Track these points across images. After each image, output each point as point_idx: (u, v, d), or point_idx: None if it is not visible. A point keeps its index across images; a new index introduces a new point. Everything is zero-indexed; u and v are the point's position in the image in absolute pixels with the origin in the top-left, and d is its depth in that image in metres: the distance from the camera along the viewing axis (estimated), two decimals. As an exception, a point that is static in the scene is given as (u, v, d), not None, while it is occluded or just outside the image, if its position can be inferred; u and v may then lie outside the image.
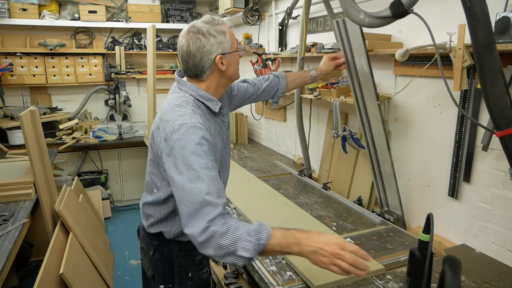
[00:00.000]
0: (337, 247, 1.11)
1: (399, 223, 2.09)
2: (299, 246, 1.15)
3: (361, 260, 1.12)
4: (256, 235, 1.11)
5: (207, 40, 1.27)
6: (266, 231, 1.13)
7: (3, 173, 2.69)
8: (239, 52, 1.39)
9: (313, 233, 1.19)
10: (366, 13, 1.41)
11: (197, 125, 1.22)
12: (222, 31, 1.30)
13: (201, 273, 1.50)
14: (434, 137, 1.99)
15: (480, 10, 1.05)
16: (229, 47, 1.32)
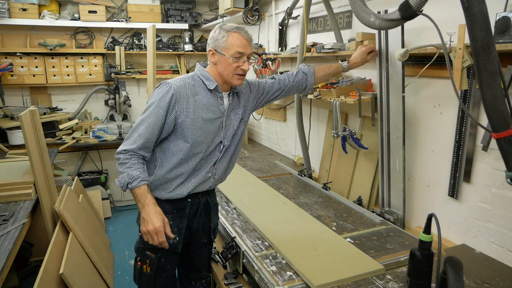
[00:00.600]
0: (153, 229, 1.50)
1: (399, 223, 2.09)
2: (142, 208, 1.52)
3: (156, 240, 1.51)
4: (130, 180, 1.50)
5: (212, 35, 1.61)
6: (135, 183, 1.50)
7: (3, 173, 2.69)
8: (233, 60, 1.57)
9: (153, 210, 1.51)
10: (376, 16, 1.41)
11: (172, 84, 1.57)
12: (224, 34, 1.56)
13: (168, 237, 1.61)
14: (434, 137, 1.99)
15: (479, 10, 1.04)
16: (222, 47, 1.57)
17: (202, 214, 1.80)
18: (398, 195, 2.10)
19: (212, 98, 1.65)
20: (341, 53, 2.37)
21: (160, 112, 1.55)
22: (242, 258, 1.74)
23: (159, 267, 1.73)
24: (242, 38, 1.57)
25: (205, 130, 1.63)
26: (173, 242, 1.68)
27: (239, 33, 1.57)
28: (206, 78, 1.64)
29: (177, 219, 1.70)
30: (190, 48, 5.06)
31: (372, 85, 2.33)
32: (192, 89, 1.61)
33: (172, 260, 1.77)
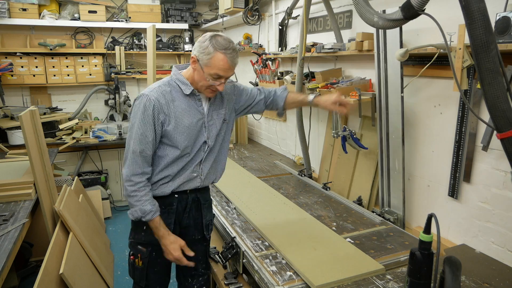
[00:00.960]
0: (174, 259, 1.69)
1: (399, 223, 2.09)
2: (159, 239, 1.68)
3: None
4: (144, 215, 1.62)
5: (201, 44, 1.58)
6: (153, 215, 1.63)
7: (3, 173, 2.69)
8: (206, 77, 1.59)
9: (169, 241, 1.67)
10: (379, 15, 1.41)
11: (151, 97, 1.59)
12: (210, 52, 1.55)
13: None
14: (434, 137, 1.99)
15: (477, 8, 1.04)
16: (204, 63, 1.57)
17: (192, 210, 1.82)
18: (398, 195, 2.10)
19: (190, 102, 1.68)
20: (341, 53, 2.37)
21: (147, 127, 1.60)
22: (242, 258, 1.74)
23: (150, 260, 1.79)
24: (226, 62, 1.56)
25: (188, 134, 1.67)
26: None
27: (225, 55, 1.55)
28: (182, 82, 1.66)
29: (164, 214, 1.74)
30: (190, 48, 5.06)
31: (372, 85, 2.33)
32: (169, 96, 1.63)
33: (163, 254, 1.78)
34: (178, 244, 1.67)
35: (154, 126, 1.61)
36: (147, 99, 1.59)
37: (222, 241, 2.10)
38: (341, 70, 2.62)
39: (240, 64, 4.64)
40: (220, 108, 1.78)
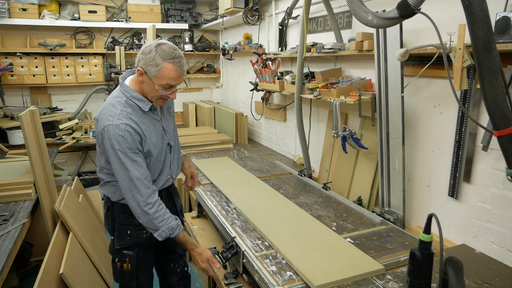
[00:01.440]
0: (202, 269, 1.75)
1: (399, 223, 2.09)
2: (189, 251, 1.76)
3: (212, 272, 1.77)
4: (172, 232, 1.68)
5: (145, 55, 1.56)
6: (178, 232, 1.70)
7: (3, 173, 2.69)
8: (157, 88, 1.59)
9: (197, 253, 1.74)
10: (374, 14, 1.41)
11: (120, 125, 1.56)
12: (158, 63, 1.54)
13: (140, 233, 1.82)
14: (434, 137, 1.99)
15: (479, 9, 1.04)
16: (153, 75, 1.56)
17: (166, 202, 1.89)
18: (398, 195, 2.10)
19: (150, 115, 1.71)
20: (341, 53, 2.37)
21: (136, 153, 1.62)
22: (242, 258, 1.74)
23: (138, 261, 1.85)
24: (175, 71, 1.56)
25: (156, 144, 1.73)
26: (146, 235, 1.81)
27: (173, 64, 1.55)
28: (139, 99, 1.65)
29: None
30: (190, 48, 5.06)
31: (372, 85, 2.33)
32: (134, 117, 1.63)
33: (149, 250, 1.90)
34: (205, 256, 1.73)
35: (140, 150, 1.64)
36: (117, 128, 1.56)
37: (222, 241, 2.10)
38: (341, 70, 2.62)
39: (240, 64, 4.68)
40: (168, 113, 1.86)
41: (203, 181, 2.75)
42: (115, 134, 1.56)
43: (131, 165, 1.60)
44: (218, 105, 4.89)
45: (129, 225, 1.81)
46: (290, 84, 2.93)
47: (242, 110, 4.49)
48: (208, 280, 2.60)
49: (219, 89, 5.51)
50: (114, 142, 1.57)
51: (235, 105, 4.91)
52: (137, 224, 1.77)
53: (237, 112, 4.07)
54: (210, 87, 5.58)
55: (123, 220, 1.81)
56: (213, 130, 4.30)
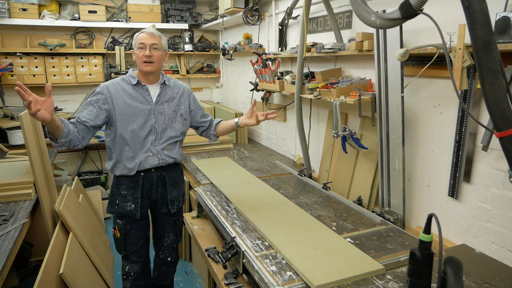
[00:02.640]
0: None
1: (399, 223, 2.09)
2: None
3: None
4: None
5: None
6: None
7: (3, 173, 2.69)
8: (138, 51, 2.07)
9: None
10: (377, 15, 1.41)
11: (105, 83, 2.08)
12: (136, 35, 2.10)
13: (125, 205, 2.12)
14: (434, 137, 1.99)
15: (479, 9, 1.04)
16: (133, 45, 2.10)
17: (159, 187, 2.19)
18: (398, 195, 2.10)
19: (138, 90, 2.09)
20: (341, 53, 2.37)
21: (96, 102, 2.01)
22: (242, 258, 1.74)
23: (126, 232, 2.15)
24: (144, 34, 2.05)
25: (134, 116, 2.04)
26: (130, 208, 2.12)
27: (143, 32, 2.06)
28: (132, 76, 2.11)
29: (132, 190, 2.12)
30: (190, 48, 5.06)
31: (372, 85, 2.33)
32: (119, 85, 2.07)
33: (136, 226, 2.16)
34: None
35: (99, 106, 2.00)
36: (100, 86, 2.06)
37: (222, 241, 2.10)
38: (341, 70, 2.62)
39: (240, 64, 4.68)
40: (171, 100, 2.17)
41: (203, 181, 2.75)
42: (98, 87, 2.08)
43: (84, 107, 2.01)
44: (218, 105, 4.89)
45: (118, 196, 2.13)
46: (290, 84, 2.93)
47: (242, 110, 4.49)
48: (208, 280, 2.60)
49: (219, 89, 5.51)
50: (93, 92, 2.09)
51: (235, 105, 4.91)
52: (123, 196, 2.11)
53: (237, 112, 4.06)
54: (210, 87, 5.58)
55: (115, 190, 2.14)
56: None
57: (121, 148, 2.08)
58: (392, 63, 1.96)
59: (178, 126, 2.20)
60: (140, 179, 2.12)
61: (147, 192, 2.17)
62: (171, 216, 2.29)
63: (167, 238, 2.33)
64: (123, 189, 2.11)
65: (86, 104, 2.02)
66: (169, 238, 2.34)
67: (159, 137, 2.13)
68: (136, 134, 2.07)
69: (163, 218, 2.29)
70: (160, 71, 2.16)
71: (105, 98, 2.02)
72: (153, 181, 2.16)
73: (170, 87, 2.19)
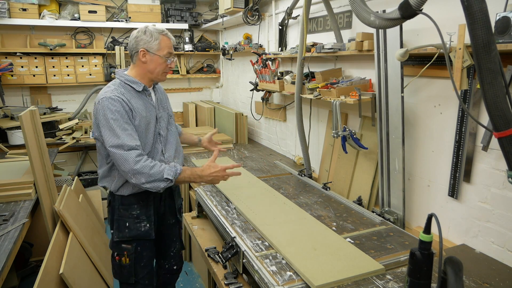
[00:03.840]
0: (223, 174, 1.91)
1: (399, 223, 2.09)
2: (201, 178, 1.84)
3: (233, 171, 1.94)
4: (174, 167, 1.76)
5: (143, 36, 1.76)
6: (179, 166, 1.79)
7: (3, 173, 2.69)
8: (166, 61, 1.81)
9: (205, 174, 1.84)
10: (376, 15, 1.41)
11: (113, 97, 1.69)
12: (156, 37, 1.77)
13: (138, 226, 1.88)
14: (434, 137, 1.99)
15: (479, 9, 1.04)
16: (155, 49, 1.77)
17: (167, 198, 2.03)
18: (398, 195, 2.10)
19: (143, 98, 1.85)
20: (341, 53, 2.37)
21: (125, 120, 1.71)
22: (242, 258, 1.74)
23: (137, 256, 1.89)
24: (170, 41, 1.82)
25: (147, 127, 1.83)
26: (145, 228, 1.88)
27: (167, 36, 1.81)
28: (132, 82, 1.81)
29: (144, 208, 1.89)
30: (190, 48, 5.06)
31: (372, 85, 2.33)
32: (127, 96, 1.77)
33: (148, 247, 1.93)
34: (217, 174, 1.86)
35: (130, 120, 1.73)
36: (111, 99, 1.68)
37: (222, 241, 2.10)
38: (341, 70, 2.62)
39: (240, 64, 4.67)
40: (165, 103, 2.02)
41: (203, 181, 2.75)
42: (109, 104, 1.68)
43: (122, 133, 1.67)
44: (218, 105, 4.89)
45: (128, 217, 1.86)
46: (290, 84, 2.93)
47: (242, 110, 4.49)
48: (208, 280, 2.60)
49: (219, 89, 5.51)
50: (108, 112, 1.67)
51: (235, 105, 4.91)
52: (136, 216, 1.85)
53: (237, 112, 4.07)
54: (210, 87, 5.58)
55: (122, 212, 1.86)
56: (213, 130, 4.30)
57: None
58: (392, 63, 1.96)
59: (173, 129, 2.06)
60: (151, 194, 1.89)
61: (156, 207, 1.99)
62: (176, 224, 2.16)
63: (173, 248, 2.19)
64: (135, 209, 1.86)
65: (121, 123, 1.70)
66: (175, 247, 2.21)
67: (165, 144, 1.95)
68: (146, 146, 1.84)
69: (170, 229, 2.13)
70: None
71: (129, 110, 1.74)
72: (162, 194, 1.96)
73: (156, 88, 2.00)
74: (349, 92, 2.23)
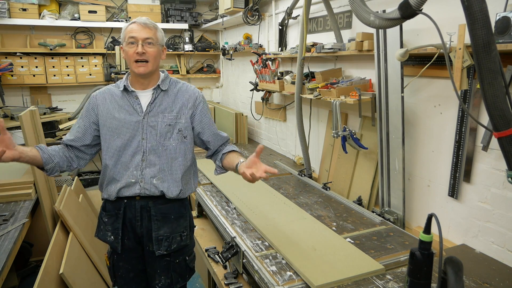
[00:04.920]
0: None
1: (399, 223, 2.09)
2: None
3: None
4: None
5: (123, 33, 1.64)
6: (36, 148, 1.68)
7: (3, 173, 2.69)
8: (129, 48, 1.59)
9: None
10: (376, 15, 1.41)
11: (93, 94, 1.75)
12: (124, 29, 1.61)
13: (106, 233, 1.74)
14: (434, 137, 1.99)
15: (479, 9, 1.04)
16: (122, 39, 1.62)
17: (145, 220, 1.68)
18: (398, 195, 2.10)
19: (126, 97, 1.68)
20: (341, 53, 2.37)
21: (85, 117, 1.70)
22: (242, 258, 1.74)
23: (114, 262, 1.78)
24: (134, 26, 1.59)
25: (119, 130, 1.64)
26: (110, 239, 1.71)
27: (134, 23, 1.60)
28: (122, 81, 1.70)
29: (112, 218, 1.71)
30: (190, 48, 5.06)
31: (372, 85, 2.33)
32: (110, 92, 1.72)
33: (123, 259, 1.75)
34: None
35: (89, 118, 1.70)
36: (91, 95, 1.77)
37: (222, 241, 2.10)
38: (341, 70, 2.62)
39: (240, 64, 4.67)
40: (168, 111, 1.67)
41: (203, 181, 2.75)
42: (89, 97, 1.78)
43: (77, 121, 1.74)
44: (218, 105, 4.89)
45: (101, 219, 1.75)
46: (290, 84, 2.93)
47: (242, 110, 4.49)
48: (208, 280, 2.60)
49: (219, 89, 5.51)
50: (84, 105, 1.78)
51: (235, 105, 4.91)
52: (104, 222, 1.73)
53: (237, 112, 4.07)
54: (210, 87, 5.57)
55: (100, 213, 1.77)
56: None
57: (105, 168, 1.69)
58: (392, 63, 1.96)
59: (173, 144, 1.66)
60: (122, 207, 1.67)
61: (131, 224, 1.69)
62: (162, 257, 1.71)
63: (158, 281, 1.74)
64: (104, 216, 1.72)
65: (79, 118, 1.75)
66: (161, 281, 1.74)
67: (147, 158, 1.64)
68: (119, 152, 1.64)
69: (151, 257, 1.73)
70: (156, 72, 1.69)
71: (92, 109, 1.69)
72: (136, 212, 1.67)
73: (169, 93, 1.68)
74: (349, 92, 2.23)
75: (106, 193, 1.69)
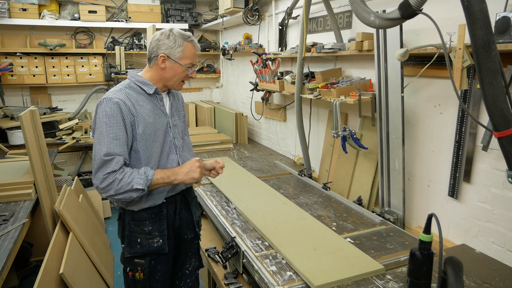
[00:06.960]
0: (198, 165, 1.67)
1: (399, 223, 2.09)
2: (176, 175, 1.64)
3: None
4: (144, 174, 1.56)
5: (165, 41, 1.60)
6: (151, 171, 1.59)
7: (3, 173, 2.69)
8: (186, 70, 1.65)
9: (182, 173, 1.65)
10: (376, 15, 1.41)
11: (113, 98, 1.54)
12: (180, 44, 1.61)
13: (151, 242, 1.72)
14: (434, 137, 1.99)
15: (479, 9, 1.04)
16: (177, 56, 1.61)
17: (182, 210, 1.81)
18: (398, 195, 2.10)
19: (154, 102, 1.68)
20: (341, 53, 2.37)
21: (119, 129, 1.53)
22: (242, 258, 1.74)
23: (151, 270, 1.74)
24: (195, 50, 1.65)
25: (156, 135, 1.65)
26: (158, 244, 1.71)
27: (192, 43, 1.63)
28: (143, 83, 1.65)
29: (157, 223, 1.72)
30: (190, 48, 5.05)
31: (372, 85, 2.33)
32: (134, 98, 1.61)
33: (163, 260, 1.77)
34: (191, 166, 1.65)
35: (125, 127, 1.55)
36: (110, 101, 1.54)
37: (222, 241, 2.10)
38: (341, 70, 2.62)
39: (240, 64, 4.67)
40: (180, 110, 1.84)
41: (203, 181, 2.75)
42: (106, 106, 1.53)
43: (108, 140, 1.52)
44: (218, 105, 4.89)
45: (139, 233, 1.71)
46: (290, 84, 2.93)
47: (242, 110, 4.49)
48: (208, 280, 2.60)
49: (219, 89, 5.51)
50: (103, 114, 1.53)
51: (235, 105, 4.91)
52: (148, 232, 1.70)
53: (237, 112, 4.07)
54: (210, 87, 5.58)
55: (133, 228, 1.71)
56: (213, 130, 4.31)
57: None
58: (392, 63, 1.96)
59: (188, 140, 1.89)
60: (164, 207, 1.73)
61: (171, 220, 1.78)
62: (194, 239, 1.90)
63: (189, 265, 1.90)
64: (147, 225, 1.70)
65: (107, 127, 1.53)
66: (192, 264, 1.91)
67: (181, 155, 1.77)
68: (158, 157, 1.68)
69: (186, 244, 1.88)
70: None
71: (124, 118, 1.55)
72: (177, 206, 1.78)
73: (173, 95, 1.80)
74: (349, 92, 2.23)
75: (148, 202, 1.66)
